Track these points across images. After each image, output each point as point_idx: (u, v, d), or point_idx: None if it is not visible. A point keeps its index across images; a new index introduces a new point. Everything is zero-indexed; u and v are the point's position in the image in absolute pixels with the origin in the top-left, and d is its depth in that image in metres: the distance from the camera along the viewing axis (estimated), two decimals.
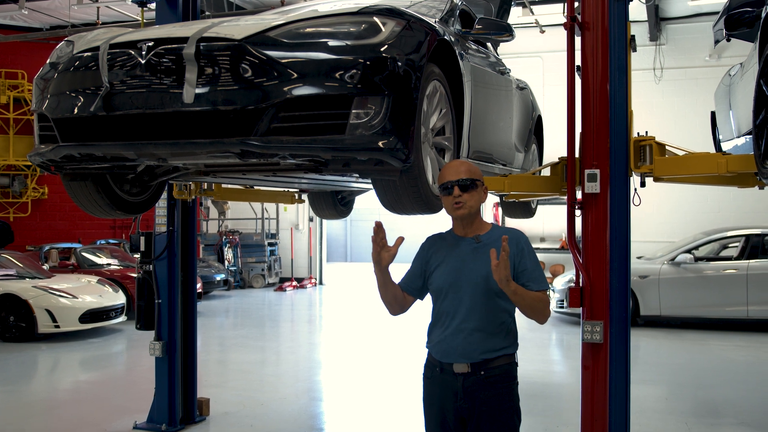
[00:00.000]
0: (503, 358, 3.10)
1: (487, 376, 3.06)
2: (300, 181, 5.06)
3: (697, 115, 14.28)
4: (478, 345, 3.06)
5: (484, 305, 3.08)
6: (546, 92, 14.19)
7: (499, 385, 3.07)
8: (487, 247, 3.09)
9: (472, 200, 3.13)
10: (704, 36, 15.11)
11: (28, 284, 10.72)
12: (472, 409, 3.07)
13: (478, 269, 3.09)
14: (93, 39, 3.60)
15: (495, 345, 3.08)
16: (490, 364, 3.07)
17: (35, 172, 18.15)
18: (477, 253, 3.13)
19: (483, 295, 3.08)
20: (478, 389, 3.06)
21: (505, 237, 2.91)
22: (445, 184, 3.14)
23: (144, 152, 3.34)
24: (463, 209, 3.13)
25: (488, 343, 3.07)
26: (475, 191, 3.14)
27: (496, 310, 3.09)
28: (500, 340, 3.10)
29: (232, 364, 9.30)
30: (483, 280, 3.07)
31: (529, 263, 3.11)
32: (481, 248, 3.13)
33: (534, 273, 3.11)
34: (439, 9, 4.49)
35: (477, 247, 3.14)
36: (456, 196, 3.11)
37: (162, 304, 6.08)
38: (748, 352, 9.80)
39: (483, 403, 3.05)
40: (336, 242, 28.33)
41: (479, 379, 3.06)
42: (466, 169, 3.15)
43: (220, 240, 18.03)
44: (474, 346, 3.07)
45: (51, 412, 6.91)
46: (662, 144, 4.35)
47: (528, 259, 3.12)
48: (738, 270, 10.82)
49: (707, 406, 7.07)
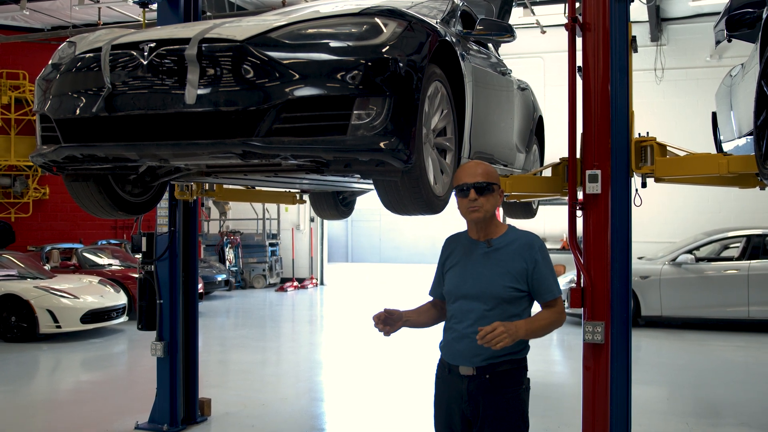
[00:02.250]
0: (509, 362, 3.05)
1: (492, 380, 3.03)
2: (301, 181, 5.06)
3: (698, 116, 14.27)
4: (483, 350, 2.98)
5: (491, 311, 3.04)
6: (547, 93, 14.17)
7: (504, 389, 3.03)
8: (498, 252, 3.09)
9: (488, 204, 3.09)
10: (705, 36, 15.09)
11: (29, 284, 10.73)
12: (476, 412, 3.04)
13: (487, 275, 3.07)
14: (95, 40, 3.61)
15: (500, 350, 2.97)
16: (495, 368, 3.03)
17: (37, 173, 18.16)
18: (488, 258, 3.11)
19: (490, 302, 3.05)
20: (482, 393, 3.03)
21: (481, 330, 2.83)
22: (461, 186, 3.11)
23: (146, 153, 3.34)
24: (479, 213, 3.09)
25: (491, 350, 2.97)
26: (491, 195, 3.09)
27: (502, 317, 3.01)
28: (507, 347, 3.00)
29: (233, 365, 9.31)
30: (491, 287, 3.05)
31: (545, 270, 3.07)
32: (492, 253, 3.11)
33: (548, 281, 3.07)
34: (441, 10, 4.49)
35: (488, 252, 3.11)
36: (472, 199, 3.07)
37: (163, 305, 6.09)
38: (749, 352, 9.80)
39: (488, 407, 3.02)
40: (337, 243, 28.34)
41: (484, 383, 3.03)
42: (483, 171, 3.11)
43: (222, 240, 18.03)
44: (478, 351, 3.01)
45: (52, 412, 6.92)
46: (663, 144, 4.35)
47: (543, 266, 3.07)
48: (739, 270, 10.81)
49: (708, 406, 7.08)
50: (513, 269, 3.05)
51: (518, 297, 3.07)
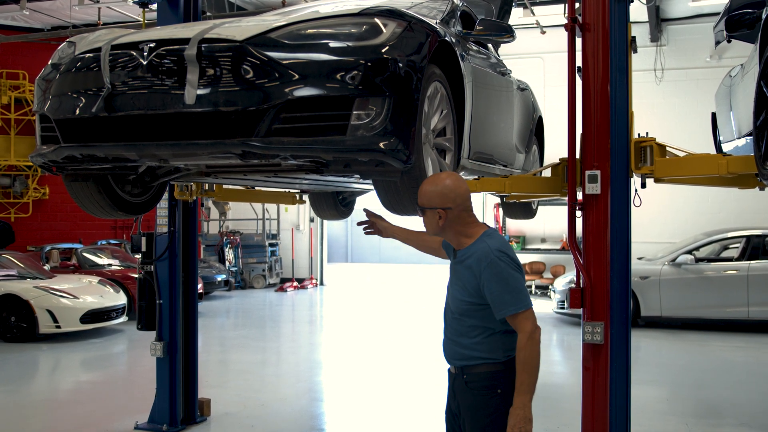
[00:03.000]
0: (485, 366, 3.06)
1: (468, 380, 3.09)
2: (301, 181, 5.06)
3: (697, 116, 14.25)
4: (457, 353, 3.13)
5: (457, 320, 3.13)
6: (547, 93, 14.17)
7: (478, 392, 3.07)
8: (460, 265, 3.12)
9: (427, 224, 3.15)
10: (705, 37, 15.09)
11: (29, 284, 10.73)
12: (459, 409, 3.16)
13: (454, 283, 3.17)
14: (95, 40, 3.61)
15: (473, 354, 3.07)
16: (471, 369, 3.08)
17: (36, 173, 18.15)
18: (455, 267, 3.18)
19: (456, 311, 3.14)
20: (462, 392, 3.13)
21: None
22: None
23: (146, 153, 3.34)
24: (426, 229, 3.20)
25: (465, 353, 3.09)
26: (426, 216, 3.12)
27: (468, 327, 3.08)
28: (478, 352, 3.06)
29: (232, 365, 9.31)
30: (453, 299, 3.15)
31: (494, 285, 2.93)
32: (456, 266, 3.17)
33: (498, 298, 2.91)
34: (440, 10, 4.49)
35: (456, 261, 3.18)
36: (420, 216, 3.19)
37: (163, 305, 6.09)
38: (748, 353, 9.80)
39: (466, 407, 3.11)
40: (337, 243, 28.33)
41: (463, 383, 3.12)
42: (424, 191, 3.12)
43: (221, 240, 18.03)
44: (454, 353, 3.15)
45: (52, 412, 6.92)
46: (663, 145, 4.35)
47: (492, 281, 2.93)
48: (739, 271, 10.81)
49: (708, 406, 7.08)
50: (468, 284, 3.05)
51: (473, 309, 3.05)
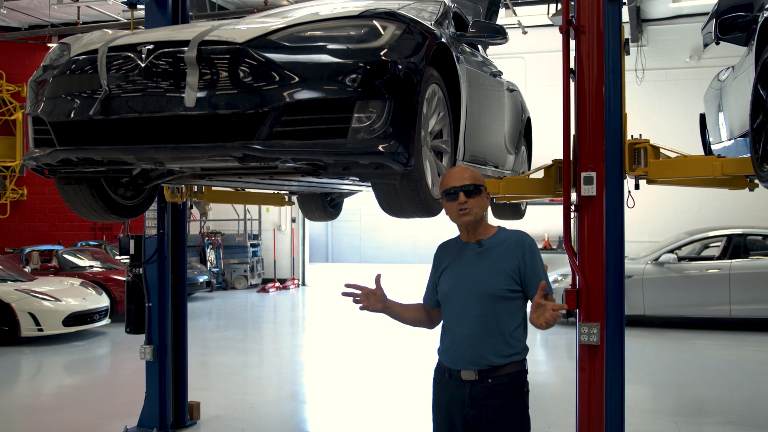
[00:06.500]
0: (511, 365, 3.05)
1: (495, 384, 3.02)
2: (291, 183, 5.03)
3: (679, 116, 14.43)
4: (484, 351, 3.02)
5: (488, 311, 3.04)
6: (528, 93, 14.16)
7: (506, 393, 3.03)
8: (490, 251, 3.10)
9: (477, 206, 3.10)
10: (685, 37, 15.26)
11: (10, 287, 10.57)
12: (479, 417, 3.02)
13: (480, 274, 3.07)
14: (90, 42, 3.56)
15: (502, 351, 3.02)
16: (497, 371, 3.02)
17: (14, 173, 17.91)
18: (480, 257, 3.11)
19: (486, 301, 3.04)
20: (485, 397, 3.02)
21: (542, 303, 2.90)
22: (449, 190, 3.11)
23: (144, 156, 3.30)
24: (469, 216, 3.10)
25: (494, 350, 3.02)
26: (479, 197, 3.11)
27: (499, 316, 3.04)
28: (507, 347, 3.04)
29: (216, 367, 9.23)
30: (485, 285, 3.05)
31: (536, 267, 3.08)
32: (484, 252, 3.11)
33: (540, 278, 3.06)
34: (433, 12, 4.49)
35: (479, 252, 3.12)
36: (461, 202, 3.08)
37: (152, 308, 6.03)
38: (731, 350, 9.91)
39: (490, 411, 3.01)
40: (317, 243, 28.25)
41: (487, 387, 3.02)
42: (470, 175, 3.13)
43: (203, 241, 17.89)
44: (480, 353, 3.03)
45: (38, 416, 6.82)
46: (657, 147, 4.38)
47: (534, 262, 3.08)
48: (721, 270, 10.92)
49: (694, 404, 7.15)
50: (506, 267, 3.06)
51: (513, 297, 3.07)
